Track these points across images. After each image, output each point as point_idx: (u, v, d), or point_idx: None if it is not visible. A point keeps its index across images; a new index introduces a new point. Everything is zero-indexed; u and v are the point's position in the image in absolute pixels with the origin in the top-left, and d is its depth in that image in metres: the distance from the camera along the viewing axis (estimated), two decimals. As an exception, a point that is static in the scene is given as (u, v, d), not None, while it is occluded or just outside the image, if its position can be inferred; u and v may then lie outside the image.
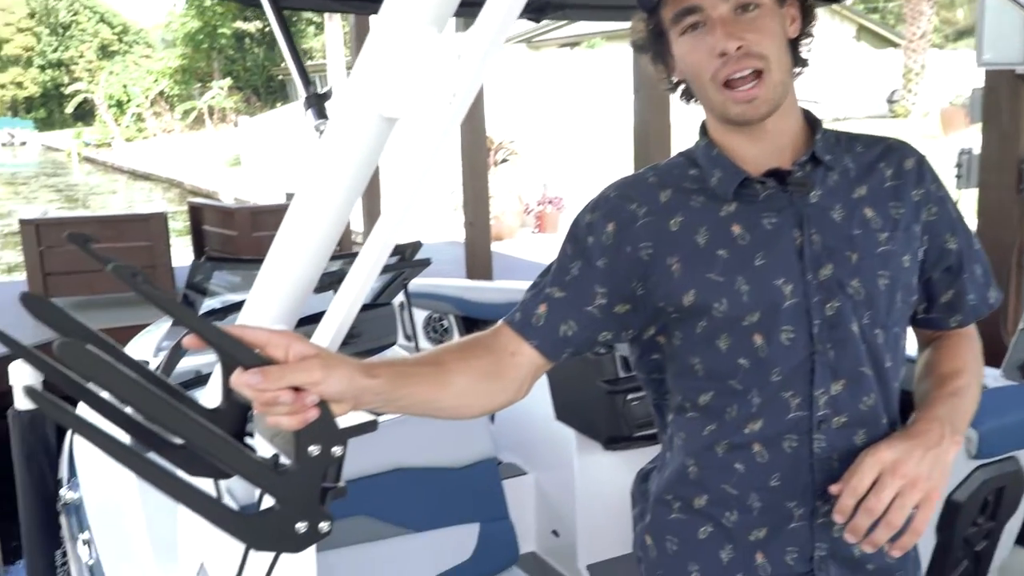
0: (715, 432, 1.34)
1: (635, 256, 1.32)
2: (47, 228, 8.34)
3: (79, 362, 0.87)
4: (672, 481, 1.41)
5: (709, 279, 1.29)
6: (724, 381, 1.32)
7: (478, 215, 7.81)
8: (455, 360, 1.26)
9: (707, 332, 1.31)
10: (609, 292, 1.33)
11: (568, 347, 1.34)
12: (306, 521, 0.99)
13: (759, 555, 1.34)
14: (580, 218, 1.39)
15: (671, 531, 1.41)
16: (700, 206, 1.32)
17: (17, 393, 3.12)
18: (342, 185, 1.05)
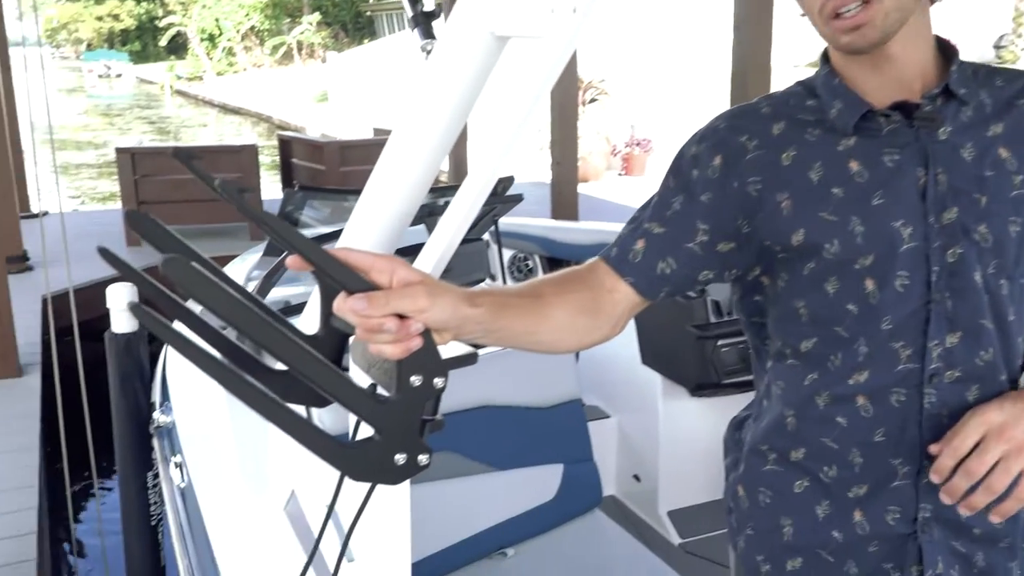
0: (816, 382, 1.27)
1: (742, 192, 1.25)
2: (142, 157, 8.51)
3: (184, 278, 0.85)
4: (768, 431, 1.35)
5: (821, 218, 1.21)
6: (829, 327, 1.25)
7: (566, 155, 7.72)
8: (553, 293, 1.22)
9: (815, 274, 1.24)
10: (712, 229, 1.27)
11: (666, 285, 1.29)
12: (405, 453, 0.97)
13: (857, 512, 1.28)
14: (685, 149, 1.32)
15: (765, 483, 1.35)
16: (816, 140, 1.24)
17: (115, 316, 3.20)
18: (447, 109, 1.02)
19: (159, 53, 54.51)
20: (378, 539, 1.22)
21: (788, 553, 1.34)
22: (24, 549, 3.39)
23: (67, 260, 3.31)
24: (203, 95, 40.46)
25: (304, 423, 0.92)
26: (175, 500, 2.67)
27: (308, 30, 42.35)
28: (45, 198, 8.18)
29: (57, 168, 3.81)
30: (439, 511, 2.25)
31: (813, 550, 1.31)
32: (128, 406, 3.23)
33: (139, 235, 1.07)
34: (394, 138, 1.08)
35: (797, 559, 1.33)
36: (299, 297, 2.85)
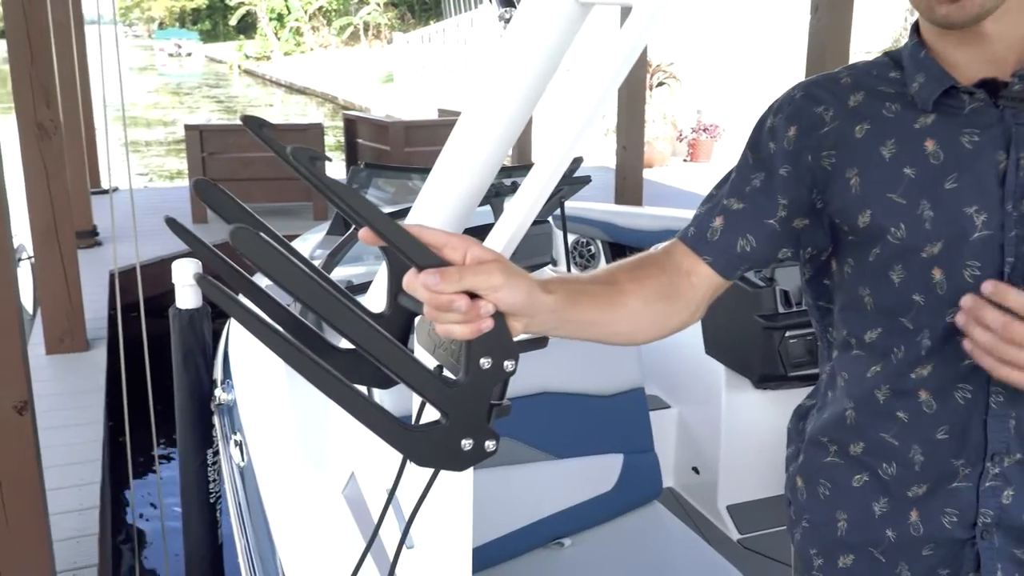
0: (879, 375, 1.21)
1: (817, 165, 1.19)
2: (210, 134, 8.63)
3: (251, 248, 0.81)
4: (829, 424, 1.30)
5: (889, 200, 1.14)
6: (894, 318, 1.18)
7: (632, 139, 7.63)
8: (628, 280, 1.17)
9: (880, 261, 1.17)
10: (790, 204, 1.21)
11: (745, 264, 1.24)
12: (472, 438, 0.94)
13: (914, 512, 1.22)
14: (762, 122, 1.27)
15: (824, 475, 1.31)
16: (893, 115, 1.17)
17: (180, 292, 3.22)
18: (524, 82, 0.98)
19: (229, 32, 55.29)
20: (439, 526, 1.19)
21: (841, 549, 1.29)
22: (86, 524, 3.45)
23: (135, 236, 3.34)
24: (270, 75, 40.94)
25: (369, 404, 0.89)
26: (234, 479, 2.68)
27: (375, 11, 42.60)
28: (115, 174, 8.31)
29: (128, 145, 3.85)
30: (495, 499, 2.23)
31: (866, 548, 1.26)
32: (190, 382, 3.26)
33: (207, 204, 1.05)
34: (467, 112, 1.04)
35: (849, 556, 1.28)
36: (361, 277, 2.84)
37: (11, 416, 2.31)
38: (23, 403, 2.32)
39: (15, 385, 2.31)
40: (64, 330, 5.16)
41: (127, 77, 3.44)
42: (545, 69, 0.98)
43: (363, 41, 42.71)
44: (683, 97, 14.69)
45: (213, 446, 3.31)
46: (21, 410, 2.31)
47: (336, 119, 22.54)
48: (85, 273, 5.40)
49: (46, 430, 2.73)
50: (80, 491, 3.67)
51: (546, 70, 0.98)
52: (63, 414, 4.40)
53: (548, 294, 1.01)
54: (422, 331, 1.05)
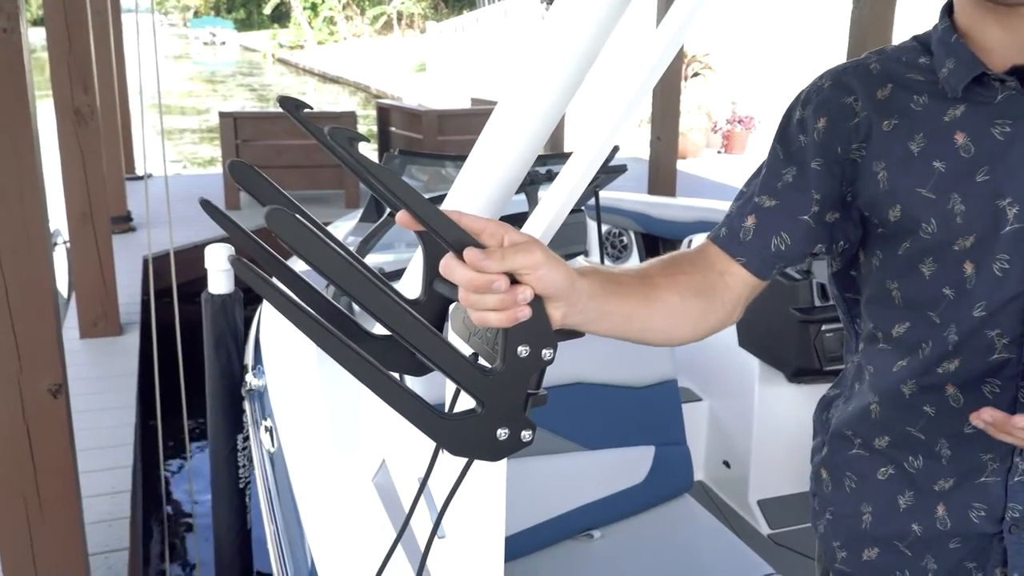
0: (904, 369, 1.19)
1: (847, 157, 1.16)
2: (243, 121, 8.68)
3: (288, 231, 0.80)
4: (853, 417, 1.28)
5: (919, 194, 1.12)
6: (923, 312, 1.16)
7: (666, 130, 7.58)
8: (662, 275, 1.14)
9: (910, 255, 1.15)
10: (823, 198, 1.18)
11: (780, 262, 1.20)
12: (507, 428, 0.92)
13: (940, 507, 1.20)
14: (790, 114, 1.23)
15: (850, 467, 1.28)
16: (921, 109, 1.13)
17: (212, 277, 3.23)
18: (566, 66, 0.96)
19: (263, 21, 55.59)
20: (471, 516, 1.18)
21: (865, 541, 1.27)
22: (118, 507, 3.48)
23: (169, 222, 3.36)
24: (303, 64, 41.12)
25: (404, 391, 0.87)
26: (264, 465, 2.69)
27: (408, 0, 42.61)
28: (150, 161, 8.38)
29: (163, 132, 3.87)
30: (525, 489, 2.21)
31: (891, 541, 1.24)
32: (221, 367, 3.27)
33: (242, 187, 1.04)
34: (506, 99, 1.02)
35: (874, 549, 1.26)
36: (393, 264, 2.83)
37: (46, 399, 2.33)
38: (57, 386, 2.33)
39: (50, 369, 2.32)
40: (98, 314, 5.21)
41: (162, 65, 3.46)
42: (587, 55, 0.96)
43: (396, 30, 42.78)
44: (718, 88, 14.57)
45: (243, 432, 3.32)
46: (56, 393, 2.33)
47: (368, 108, 22.59)
48: (119, 258, 5.44)
49: (79, 413, 2.75)
50: (112, 474, 3.70)
51: (588, 56, 0.96)
52: (96, 398, 4.44)
53: (585, 279, 0.99)
54: (456, 318, 1.03)
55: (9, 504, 2.39)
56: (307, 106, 0.99)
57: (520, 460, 2.19)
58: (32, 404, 2.32)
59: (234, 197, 8.30)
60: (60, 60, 4.87)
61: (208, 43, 59.63)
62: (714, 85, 14.41)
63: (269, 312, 3.10)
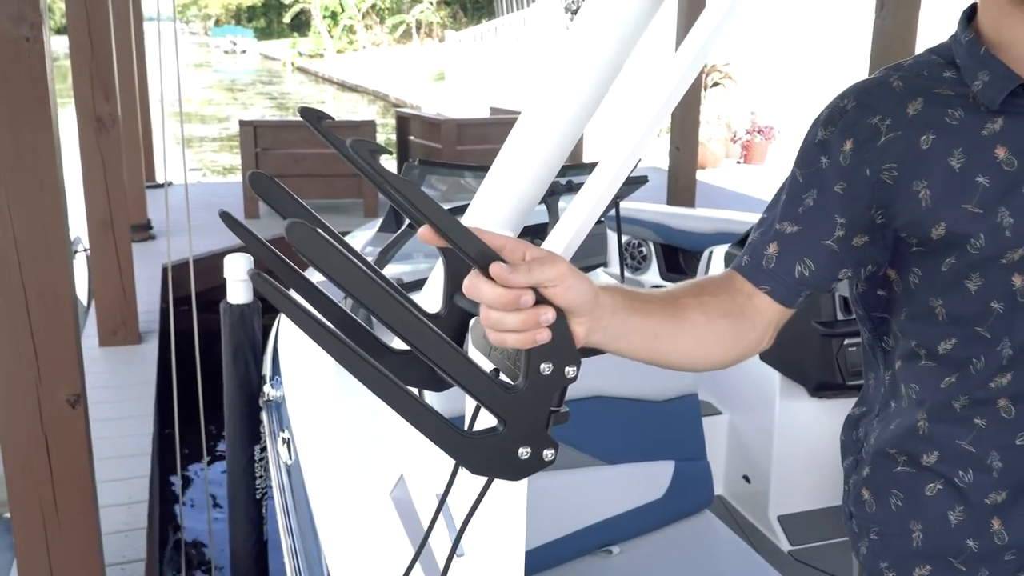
0: (955, 385, 1.17)
1: (876, 179, 1.13)
2: (263, 130, 8.72)
3: (308, 244, 0.79)
4: (897, 435, 1.25)
5: (964, 210, 1.09)
6: (970, 327, 1.14)
7: (686, 140, 7.55)
8: (687, 296, 1.12)
9: (955, 270, 1.13)
10: (848, 222, 1.15)
11: (805, 289, 1.17)
12: (530, 447, 0.90)
13: (996, 521, 1.18)
14: (811, 136, 1.20)
15: (896, 486, 1.26)
16: (957, 123, 1.11)
17: (231, 286, 3.23)
18: (592, 75, 0.94)
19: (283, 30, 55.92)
20: (490, 534, 1.16)
21: (916, 560, 1.24)
22: (135, 517, 3.47)
23: (189, 230, 3.36)
24: (323, 72, 41.30)
25: (423, 408, 0.85)
26: (281, 476, 2.67)
27: (428, 9, 42.78)
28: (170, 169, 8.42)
29: (184, 140, 3.88)
30: (543, 504, 2.19)
31: (944, 558, 1.22)
32: (239, 378, 3.26)
33: (261, 198, 1.04)
34: (530, 108, 1.01)
35: (926, 567, 1.23)
36: (411, 275, 2.82)
37: (64, 409, 2.32)
38: (76, 396, 2.33)
39: (69, 379, 2.32)
40: (117, 323, 5.23)
41: (183, 73, 3.46)
42: (613, 63, 0.94)
43: (415, 39, 42.93)
44: (738, 98, 14.51)
45: (261, 442, 3.31)
46: (74, 403, 2.32)
47: (387, 117, 22.66)
48: (138, 266, 5.45)
49: (97, 422, 2.75)
50: (130, 484, 3.70)
51: (614, 64, 0.94)
52: (114, 407, 4.45)
53: (609, 295, 0.97)
54: (477, 332, 1.01)
55: (26, 514, 2.38)
56: (328, 117, 0.98)
57: (538, 474, 2.16)
58: (50, 414, 2.31)
59: (253, 206, 8.32)
60: (82, 68, 4.89)
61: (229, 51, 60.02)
62: (734, 95, 14.36)
63: (288, 323, 3.10)
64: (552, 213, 2.87)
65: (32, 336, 2.24)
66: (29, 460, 2.34)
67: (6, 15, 2.10)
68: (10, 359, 2.26)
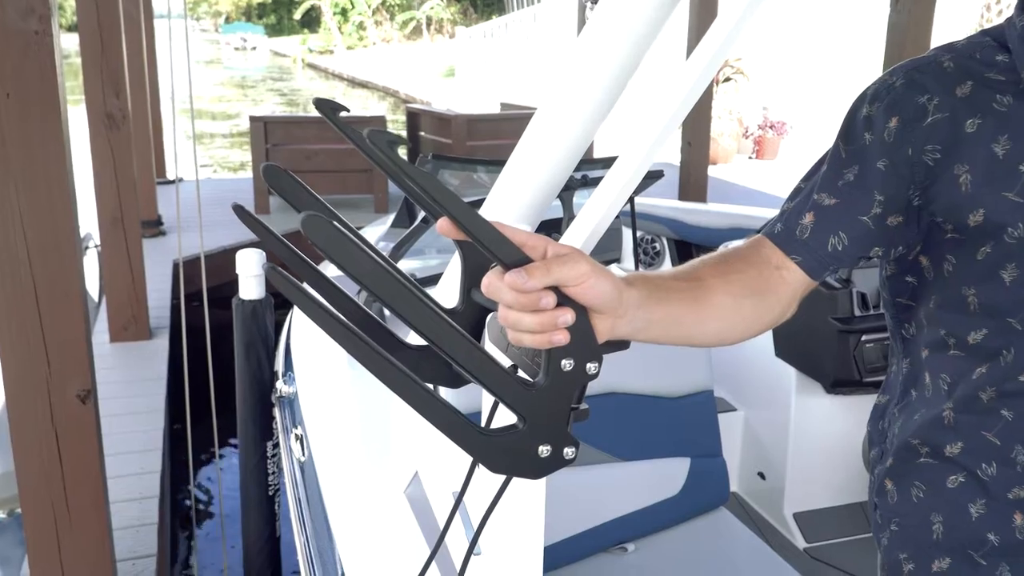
0: (984, 376, 1.14)
1: (918, 159, 1.11)
2: (273, 126, 8.71)
3: (324, 238, 0.77)
4: (922, 426, 1.23)
5: (1005, 198, 1.07)
6: (1003, 319, 1.11)
7: (697, 135, 7.52)
8: (712, 275, 1.10)
9: (990, 260, 1.10)
10: (887, 200, 1.13)
11: (834, 263, 1.16)
12: (550, 444, 0.88)
13: (1018, 516, 1.16)
14: (855, 110, 1.18)
15: (918, 476, 1.24)
16: (1006, 110, 1.08)
17: (243, 282, 3.22)
18: (611, 67, 0.92)
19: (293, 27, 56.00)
20: (508, 533, 1.14)
21: (936, 552, 1.22)
22: (146, 513, 3.46)
23: (200, 226, 3.35)
24: (333, 68, 41.34)
25: (441, 404, 0.83)
26: (294, 473, 2.66)
27: (438, 5, 42.79)
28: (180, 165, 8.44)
29: (195, 136, 3.88)
30: (558, 501, 2.17)
31: (964, 551, 1.19)
32: (251, 374, 3.25)
33: (275, 191, 1.02)
34: (548, 100, 0.98)
35: (945, 559, 1.21)
36: (423, 270, 2.80)
37: (75, 405, 2.31)
38: (86, 392, 2.32)
39: (79, 375, 2.31)
40: (128, 318, 5.23)
41: (194, 70, 3.45)
42: (632, 57, 0.92)
43: (425, 36, 42.94)
44: (750, 93, 14.45)
45: (273, 439, 3.30)
46: (84, 399, 2.31)
47: (398, 113, 22.66)
48: (149, 262, 5.46)
49: (108, 417, 2.74)
50: (141, 480, 3.69)
51: (633, 58, 0.92)
52: (125, 402, 4.44)
53: (633, 288, 0.95)
54: (494, 328, 0.99)
55: (37, 510, 2.37)
56: (344, 108, 0.96)
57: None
58: (60, 410, 2.30)
59: (264, 201, 8.32)
60: (93, 65, 4.89)
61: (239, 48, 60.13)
62: (746, 90, 14.30)
63: (300, 318, 3.08)
64: (567, 208, 2.85)
65: (42, 331, 2.23)
66: (40, 456, 2.33)
67: (14, 8, 2.09)
68: (20, 354, 2.25)
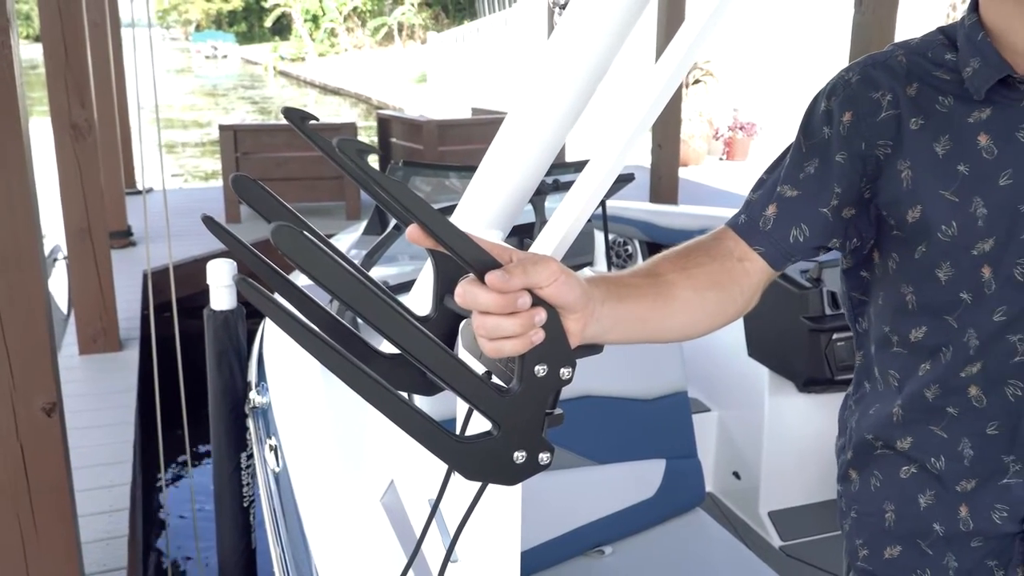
0: (929, 373, 1.18)
1: (870, 153, 1.14)
2: (244, 134, 8.66)
3: (295, 248, 0.76)
4: (876, 423, 1.27)
5: (941, 196, 1.10)
6: (939, 316, 1.15)
7: (667, 138, 7.56)
8: (674, 270, 1.11)
9: (926, 259, 1.14)
10: (843, 192, 1.16)
11: (796, 255, 1.19)
12: (525, 450, 0.88)
13: (963, 508, 1.20)
14: (814, 106, 1.21)
15: (876, 467, 1.28)
16: (947, 110, 1.12)
17: (214, 292, 3.19)
18: (580, 72, 0.92)
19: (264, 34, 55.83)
20: (484, 539, 1.13)
21: (888, 539, 1.27)
22: (116, 525, 3.42)
23: (168, 236, 3.32)
24: (305, 76, 41.23)
25: (415, 412, 0.82)
26: (269, 484, 2.64)
27: (409, 11, 42.76)
28: (150, 175, 8.36)
29: (162, 146, 3.84)
30: (534, 505, 2.16)
31: (913, 539, 1.24)
32: (224, 384, 3.22)
33: (244, 201, 1.01)
34: (518, 105, 0.98)
35: (896, 547, 1.26)
36: (397, 277, 2.79)
37: (40, 418, 2.28)
38: (52, 405, 2.29)
39: (44, 388, 2.28)
40: (97, 330, 5.17)
41: (164, 79, 3.43)
42: (601, 61, 0.92)
43: (397, 41, 42.91)
44: (719, 95, 14.53)
45: (247, 450, 3.27)
46: (50, 412, 2.29)
47: (370, 119, 22.61)
48: (119, 273, 5.40)
49: (78, 430, 2.71)
50: (111, 492, 3.65)
51: (602, 63, 0.92)
52: (95, 415, 4.40)
53: (595, 288, 0.95)
54: (467, 335, 0.99)
55: (2, 524, 2.34)
56: (313, 117, 0.95)
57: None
58: (26, 423, 2.27)
59: (235, 210, 8.27)
60: (57, 75, 4.84)
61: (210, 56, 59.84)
62: (715, 92, 14.37)
63: (272, 328, 3.06)
64: (539, 213, 2.85)
65: (5, 344, 2.20)
66: (4, 470, 2.30)
67: (-27, 19, 2.06)
68: (-16, 368, 2.22)
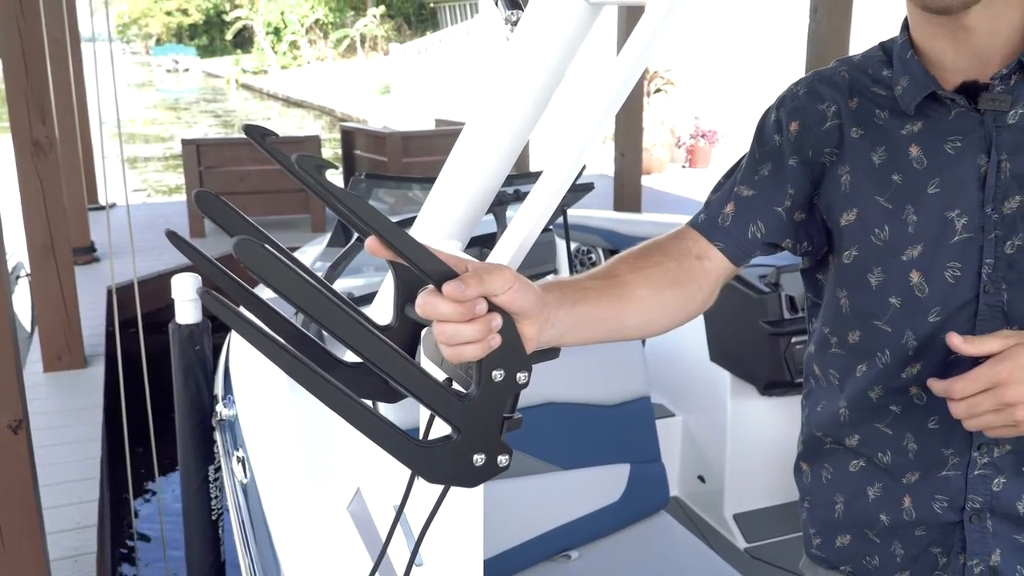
0: (867, 375, 1.24)
1: (816, 160, 1.23)
2: (207, 148, 8.62)
3: (257, 261, 0.78)
4: (824, 421, 1.33)
5: (876, 202, 1.17)
6: (869, 321, 1.21)
7: (630, 146, 7.63)
8: (630, 271, 1.15)
9: (858, 263, 1.20)
10: (795, 194, 1.24)
11: (754, 250, 1.26)
12: (484, 453, 0.91)
13: (907, 499, 1.25)
14: (766, 116, 1.30)
15: (827, 460, 1.34)
16: (883, 123, 1.19)
17: (179, 307, 3.19)
18: (533, 86, 0.95)
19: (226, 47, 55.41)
20: (449, 542, 1.16)
21: (838, 529, 1.33)
22: (85, 542, 3.41)
23: (132, 251, 3.32)
24: (267, 88, 40.95)
25: (378, 419, 0.86)
26: (237, 495, 2.64)
27: (372, 23, 42.65)
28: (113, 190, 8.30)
29: (124, 161, 3.83)
30: (500, 511, 2.19)
31: (861, 529, 1.30)
32: (190, 398, 3.22)
33: (207, 216, 1.03)
34: (474, 119, 1.01)
35: (846, 536, 1.32)
36: (362, 289, 2.81)
37: (6, 435, 2.28)
38: (17, 422, 2.28)
39: (9, 404, 2.28)
40: (61, 347, 5.13)
41: (125, 94, 3.43)
42: (554, 73, 0.95)
43: (360, 53, 42.78)
44: (681, 103, 14.67)
45: (215, 463, 3.27)
46: (16, 429, 2.28)
47: (333, 131, 22.52)
48: (83, 290, 5.36)
49: (44, 448, 2.70)
50: (79, 509, 3.63)
51: (555, 74, 0.96)
52: (61, 432, 4.37)
53: (549, 293, 0.99)
54: (429, 343, 1.02)
55: (-29, 543, 2.33)
56: (273, 134, 0.98)
57: (494, 482, 2.15)
58: (-8, 441, 2.27)
59: (199, 225, 8.23)
60: (17, 91, 4.80)
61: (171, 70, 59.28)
62: (676, 100, 14.51)
63: (238, 341, 3.06)
64: (500, 223, 2.88)
65: (-30, 363, 2.19)
66: (-28, 488, 2.29)
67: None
68: (-51, 388, 2.21)
